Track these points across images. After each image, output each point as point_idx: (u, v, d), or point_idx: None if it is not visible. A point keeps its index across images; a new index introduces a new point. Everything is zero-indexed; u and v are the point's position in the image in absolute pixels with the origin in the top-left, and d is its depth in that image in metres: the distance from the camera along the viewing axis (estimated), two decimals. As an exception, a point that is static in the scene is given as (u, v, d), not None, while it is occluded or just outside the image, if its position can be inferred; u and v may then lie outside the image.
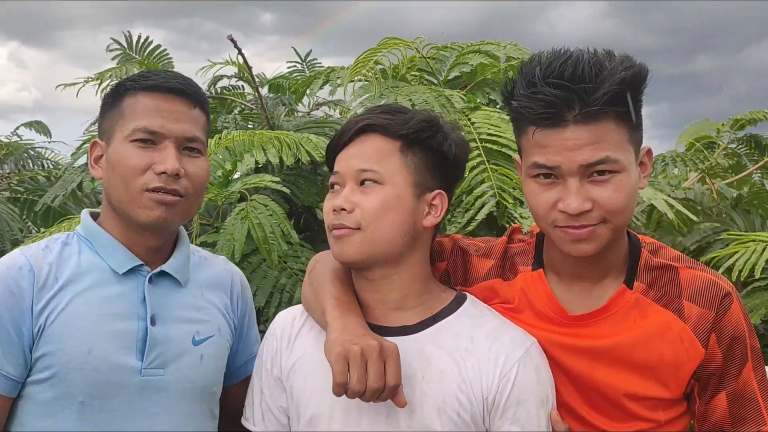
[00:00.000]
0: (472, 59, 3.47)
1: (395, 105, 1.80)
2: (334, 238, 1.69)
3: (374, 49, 3.37)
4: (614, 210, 1.58)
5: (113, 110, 1.80)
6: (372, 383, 1.53)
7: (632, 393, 1.67)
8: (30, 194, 4.54)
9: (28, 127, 5.48)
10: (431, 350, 1.66)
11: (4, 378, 1.68)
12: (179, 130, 1.77)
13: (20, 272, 1.70)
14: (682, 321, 1.66)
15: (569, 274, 1.74)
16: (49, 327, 1.68)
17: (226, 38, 3.86)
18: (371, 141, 1.71)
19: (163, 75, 1.83)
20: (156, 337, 1.75)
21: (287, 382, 1.77)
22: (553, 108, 1.54)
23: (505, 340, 1.67)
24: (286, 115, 4.10)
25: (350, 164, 1.70)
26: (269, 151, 3.15)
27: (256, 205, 3.00)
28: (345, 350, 1.55)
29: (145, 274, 1.79)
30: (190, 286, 1.87)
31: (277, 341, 1.83)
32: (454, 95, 3.14)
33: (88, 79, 4.08)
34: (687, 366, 1.65)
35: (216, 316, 1.90)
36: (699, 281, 1.68)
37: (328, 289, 1.76)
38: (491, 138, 3.00)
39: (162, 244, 1.84)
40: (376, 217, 1.66)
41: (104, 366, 1.69)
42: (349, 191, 1.68)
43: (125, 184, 1.74)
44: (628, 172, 1.58)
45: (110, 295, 1.74)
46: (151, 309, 1.76)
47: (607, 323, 1.69)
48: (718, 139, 5.37)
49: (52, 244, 1.79)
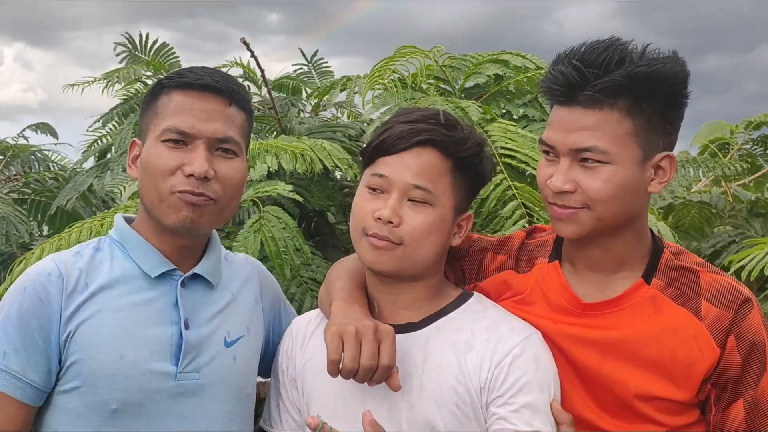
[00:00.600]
0: (488, 69, 3.40)
1: (448, 116, 1.76)
2: (370, 245, 1.67)
3: (391, 57, 3.33)
4: (596, 198, 1.60)
5: (150, 109, 1.77)
6: (365, 361, 1.54)
7: (643, 393, 1.64)
8: (37, 195, 4.52)
9: (35, 130, 5.44)
10: (432, 345, 1.68)
11: (29, 386, 1.65)
12: (211, 130, 1.70)
13: (49, 278, 1.66)
14: (698, 319, 1.64)
15: (583, 264, 1.74)
16: (79, 334, 1.65)
17: (231, 39, 3.85)
18: (428, 155, 1.68)
19: (199, 72, 1.76)
20: (190, 341, 1.72)
21: (299, 380, 1.80)
22: (564, 85, 1.59)
23: (504, 330, 1.68)
24: (296, 116, 4.05)
25: (403, 175, 1.67)
26: (282, 158, 3.13)
27: (269, 217, 2.99)
28: (340, 329, 1.58)
29: (177, 278, 1.76)
30: (219, 286, 1.84)
31: (292, 341, 1.85)
32: (470, 107, 3.09)
33: (95, 80, 4.03)
34: (700, 365, 1.62)
35: (244, 315, 1.87)
36: (719, 285, 1.67)
37: (338, 284, 1.79)
38: (509, 153, 2.96)
39: (193, 245, 1.80)
40: (420, 237, 1.66)
41: (137, 372, 1.66)
42: (396, 203, 1.66)
43: (155, 185, 1.70)
44: (620, 166, 1.59)
45: (142, 300, 1.71)
46: (184, 313, 1.73)
47: (620, 315, 1.68)
48: (733, 140, 5.33)
49: (83, 249, 1.76)
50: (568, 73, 1.59)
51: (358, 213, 1.71)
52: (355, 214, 1.72)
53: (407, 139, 1.68)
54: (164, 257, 1.75)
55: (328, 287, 1.83)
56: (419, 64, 3.29)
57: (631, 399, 1.65)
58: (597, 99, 1.56)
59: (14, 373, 1.63)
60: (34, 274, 1.68)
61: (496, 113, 3.30)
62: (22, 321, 1.63)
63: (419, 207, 1.67)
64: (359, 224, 1.70)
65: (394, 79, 3.19)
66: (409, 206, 1.67)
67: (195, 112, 1.70)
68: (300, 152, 3.13)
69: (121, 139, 3.64)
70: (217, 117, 1.72)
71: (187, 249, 1.79)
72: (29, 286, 1.66)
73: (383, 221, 1.65)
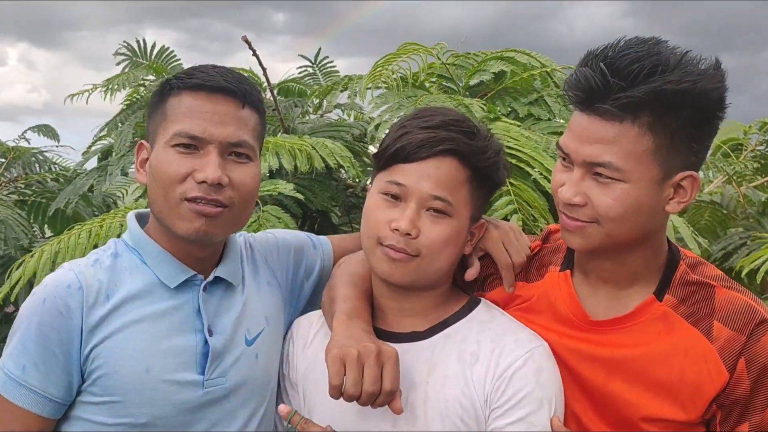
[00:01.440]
0: (493, 66, 3.35)
1: (468, 121, 1.70)
2: (385, 256, 1.63)
3: (393, 54, 3.27)
4: (606, 216, 1.53)
5: (158, 110, 1.69)
6: (367, 387, 1.50)
7: (649, 415, 1.59)
8: (38, 197, 4.49)
9: (36, 131, 5.42)
10: (438, 355, 1.65)
11: (49, 401, 1.61)
12: (223, 134, 1.63)
13: (68, 291, 1.60)
14: (709, 341, 1.58)
15: (596, 275, 1.68)
16: (103, 348, 1.60)
17: (238, 39, 3.79)
18: (448, 165, 1.63)
19: (210, 72, 1.68)
20: (216, 347, 1.68)
21: (300, 386, 1.77)
22: (586, 91, 1.50)
23: (509, 341, 1.64)
24: (299, 117, 4.01)
25: (422, 185, 1.62)
26: (284, 157, 3.07)
27: (268, 217, 2.94)
28: (342, 353, 1.53)
29: (198, 284, 1.70)
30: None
31: (293, 345, 1.82)
32: (473, 104, 3.03)
33: (96, 87, 4.02)
34: (708, 388, 1.57)
35: (260, 307, 1.81)
36: (735, 303, 1.59)
37: (341, 293, 1.74)
38: (511, 152, 2.86)
39: (211, 252, 1.74)
40: (438, 250, 1.63)
41: (163, 385, 1.63)
42: (414, 213, 1.62)
43: (164, 193, 1.63)
44: (635, 185, 1.51)
45: (165, 310, 1.66)
46: (207, 319, 1.69)
47: (629, 332, 1.63)
48: (746, 141, 5.26)
49: (101, 257, 1.70)
50: (591, 78, 1.48)
51: (373, 221, 1.65)
52: (369, 222, 1.66)
53: (428, 147, 1.62)
54: (182, 264, 1.70)
55: (331, 292, 1.78)
56: (422, 61, 3.24)
57: (636, 421, 1.61)
58: (615, 114, 1.47)
59: (34, 388, 1.60)
60: (53, 286, 1.61)
61: (501, 112, 3.24)
62: (41, 335, 1.59)
63: (438, 218, 1.62)
64: (373, 233, 1.65)
65: (395, 77, 3.14)
66: (427, 217, 1.62)
67: (206, 115, 1.63)
68: (299, 148, 3.09)
69: (121, 141, 3.61)
70: (229, 120, 1.65)
71: (203, 256, 1.73)
72: (48, 298, 1.60)
73: (401, 233, 1.60)
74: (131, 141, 3.62)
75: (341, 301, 1.71)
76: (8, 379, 1.59)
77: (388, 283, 1.67)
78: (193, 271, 1.70)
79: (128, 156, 3.54)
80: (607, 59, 1.47)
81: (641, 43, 1.49)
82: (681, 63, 1.46)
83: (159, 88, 1.73)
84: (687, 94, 1.46)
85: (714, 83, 1.49)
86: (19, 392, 1.59)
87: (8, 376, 1.60)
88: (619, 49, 1.48)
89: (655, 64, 1.45)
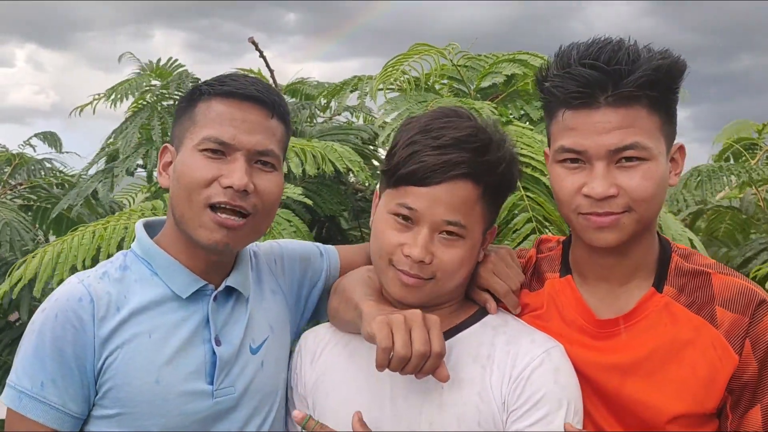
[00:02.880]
0: (505, 68, 3.29)
1: (479, 133, 1.64)
2: (398, 281, 1.61)
3: (404, 55, 3.22)
4: (640, 198, 1.55)
5: (186, 115, 1.70)
6: (418, 347, 1.46)
7: (670, 415, 1.59)
8: (42, 202, 4.47)
9: (41, 139, 5.41)
10: (452, 361, 1.62)
11: (68, 416, 1.61)
12: (252, 142, 1.65)
13: (80, 304, 1.60)
14: (714, 327, 1.60)
15: (594, 275, 1.71)
16: (114, 360, 1.61)
17: (247, 40, 3.76)
18: (461, 188, 1.60)
19: (242, 80, 1.70)
20: (224, 357, 1.69)
21: (310, 398, 1.75)
22: (586, 88, 1.54)
23: (524, 342, 1.63)
24: (307, 120, 3.97)
25: (435, 211, 1.59)
26: (292, 161, 3.03)
27: (279, 220, 2.89)
28: (387, 318, 1.51)
29: (209, 293, 1.71)
30: None
31: (300, 358, 1.81)
32: (484, 108, 2.95)
33: (101, 96, 4.01)
34: (721, 375, 1.59)
35: (265, 316, 1.81)
36: (733, 287, 1.63)
37: (360, 290, 1.72)
38: (524, 160, 2.78)
39: (225, 260, 1.75)
40: (453, 272, 1.62)
41: (173, 395, 1.63)
42: (427, 239, 1.59)
43: (188, 196, 1.64)
44: (658, 161, 1.56)
45: (175, 321, 1.67)
46: (214, 330, 1.69)
47: (636, 330, 1.64)
48: (760, 140, 5.17)
49: (109, 269, 1.70)
50: (589, 75, 1.54)
51: (385, 243, 1.63)
52: (380, 242, 1.64)
53: (441, 173, 1.58)
54: (194, 274, 1.70)
55: (344, 296, 1.76)
56: (434, 62, 3.19)
57: (662, 425, 1.60)
58: (624, 97, 1.53)
59: (53, 404, 1.59)
60: (64, 300, 1.61)
61: (513, 115, 3.17)
62: (56, 350, 1.58)
63: (452, 241, 1.60)
64: (386, 254, 1.62)
65: (406, 78, 3.09)
66: (441, 241, 1.60)
67: (236, 122, 1.65)
68: (308, 152, 3.04)
69: (126, 143, 3.56)
70: (258, 129, 1.66)
71: (218, 264, 1.74)
72: (60, 312, 1.59)
73: (413, 260, 1.58)
74: (136, 143, 3.58)
75: (362, 296, 1.69)
76: (25, 396, 1.59)
77: (402, 305, 1.65)
78: (204, 281, 1.70)
79: (133, 157, 3.51)
80: (592, 56, 1.54)
81: (604, 40, 1.58)
82: (647, 48, 1.58)
83: (189, 94, 1.75)
84: (674, 68, 1.57)
85: (677, 56, 1.61)
86: (39, 409, 1.59)
87: (25, 393, 1.59)
88: (596, 46, 1.56)
89: (634, 50, 1.55)
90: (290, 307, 1.91)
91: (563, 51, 1.60)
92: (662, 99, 1.57)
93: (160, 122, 3.66)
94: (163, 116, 3.69)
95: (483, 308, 1.72)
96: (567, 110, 1.58)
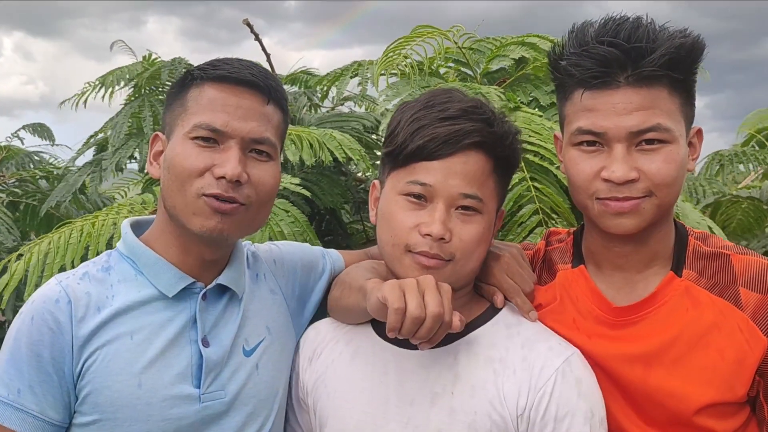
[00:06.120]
0: (513, 52, 3.15)
1: (485, 107, 1.60)
2: (417, 264, 1.53)
3: (406, 38, 3.10)
4: (662, 183, 1.52)
5: (177, 101, 1.63)
6: (433, 308, 1.40)
7: (699, 404, 1.55)
8: (29, 198, 4.38)
9: (30, 131, 5.30)
10: (462, 363, 1.57)
11: (48, 424, 1.53)
12: (246, 129, 1.58)
13: (57, 306, 1.54)
14: (739, 309, 1.56)
15: (610, 264, 1.66)
16: (93, 363, 1.54)
17: (242, 22, 3.61)
18: (475, 159, 1.53)
19: (236, 64, 1.63)
20: (211, 358, 1.61)
21: (309, 399, 1.71)
22: (606, 66, 1.50)
23: (542, 349, 1.56)
24: (308, 109, 3.83)
25: (451, 184, 1.52)
26: (288, 149, 2.89)
27: (277, 211, 2.76)
28: (398, 281, 1.45)
29: (197, 292, 1.64)
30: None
31: (299, 357, 1.78)
32: (491, 92, 2.84)
33: (91, 86, 3.87)
34: (750, 359, 1.54)
35: (261, 316, 1.74)
36: (755, 267, 1.59)
37: (364, 276, 1.67)
38: (533, 149, 2.67)
39: (218, 258, 1.68)
40: (471, 251, 1.56)
41: (157, 399, 1.56)
42: (445, 215, 1.51)
43: (180, 186, 1.57)
44: (679, 144, 1.53)
45: (160, 322, 1.60)
46: (202, 330, 1.62)
47: (657, 317, 1.59)
48: (782, 131, 5.04)
49: (90, 269, 1.64)
50: (608, 53, 1.49)
51: (399, 228, 1.53)
52: (394, 229, 1.54)
53: (453, 143, 1.51)
54: (181, 271, 1.63)
55: (347, 284, 1.69)
56: (438, 45, 3.05)
57: (689, 416, 1.56)
58: (645, 76, 1.49)
59: (31, 412, 1.52)
60: (40, 302, 1.55)
61: (521, 101, 3.04)
62: (33, 354, 1.52)
63: (469, 216, 1.53)
64: (401, 240, 1.52)
65: (409, 61, 2.95)
66: (458, 216, 1.52)
67: (230, 108, 1.58)
68: (304, 139, 2.90)
69: (116, 133, 3.42)
70: (253, 115, 1.60)
71: (212, 261, 1.67)
72: (36, 315, 1.53)
73: (434, 238, 1.48)
74: (127, 133, 3.44)
75: (368, 280, 1.61)
76: (2, 404, 1.52)
77: None
78: (191, 278, 1.63)
79: (124, 149, 3.36)
80: (610, 33, 1.50)
81: (621, 17, 1.53)
82: (664, 27, 1.53)
83: (180, 79, 1.68)
84: (693, 46, 1.52)
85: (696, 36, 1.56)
86: (17, 417, 1.52)
87: (1, 400, 1.52)
88: (613, 23, 1.52)
89: (653, 29, 1.51)
90: (292, 309, 1.84)
91: (578, 28, 1.55)
92: (683, 79, 1.53)
93: (152, 111, 3.51)
94: (154, 105, 3.55)
95: (494, 306, 1.66)
96: (585, 90, 1.53)
